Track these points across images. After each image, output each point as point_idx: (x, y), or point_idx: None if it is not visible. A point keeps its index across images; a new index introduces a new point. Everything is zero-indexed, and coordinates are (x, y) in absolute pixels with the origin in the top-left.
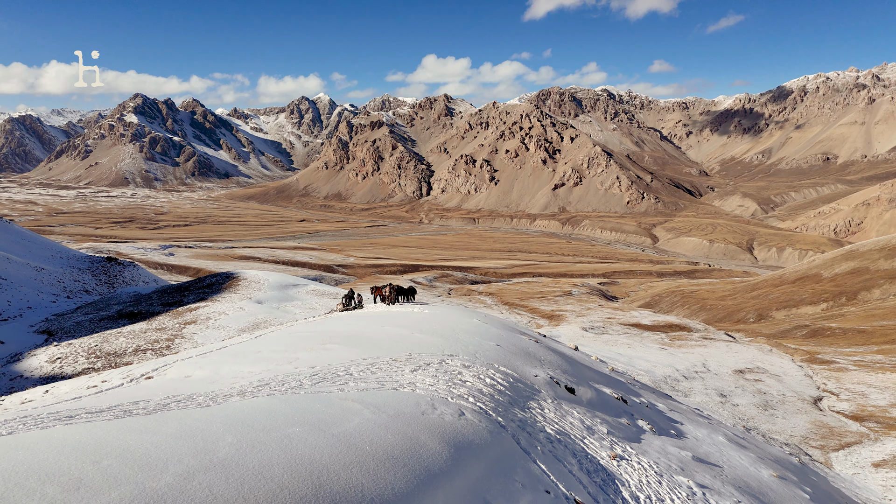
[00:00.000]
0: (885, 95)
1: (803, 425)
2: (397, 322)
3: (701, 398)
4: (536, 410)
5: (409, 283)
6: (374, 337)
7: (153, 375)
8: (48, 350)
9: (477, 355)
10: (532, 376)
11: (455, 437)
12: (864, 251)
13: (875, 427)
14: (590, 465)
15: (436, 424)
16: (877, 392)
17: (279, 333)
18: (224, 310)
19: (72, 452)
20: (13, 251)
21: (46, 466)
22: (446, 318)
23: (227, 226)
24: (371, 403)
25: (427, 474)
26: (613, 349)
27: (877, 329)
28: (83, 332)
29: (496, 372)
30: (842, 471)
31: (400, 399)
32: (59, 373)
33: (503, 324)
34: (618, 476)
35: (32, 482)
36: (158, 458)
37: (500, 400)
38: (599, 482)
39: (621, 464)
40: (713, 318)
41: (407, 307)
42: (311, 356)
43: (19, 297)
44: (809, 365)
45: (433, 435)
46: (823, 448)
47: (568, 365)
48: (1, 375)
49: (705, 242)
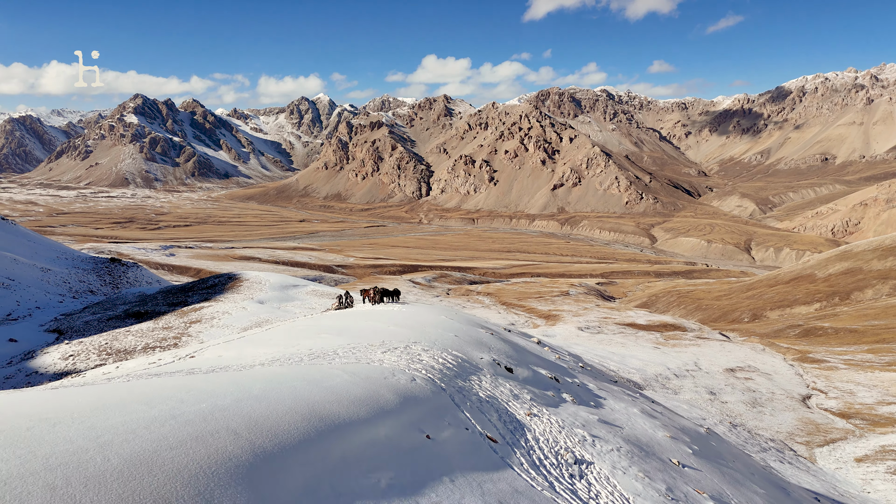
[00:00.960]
0: (883, 96)
1: (790, 422)
2: (377, 318)
3: (690, 395)
4: (475, 382)
5: (395, 286)
6: (358, 329)
7: (195, 355)
8: (60, 348)
9: (436, 343)
10: (478, 359)
11: (405, 392)
12: (858, 252)
13: (861, 424)
14: (507, 418)
15: (392, 384)
16: (865, 390)
17: (284, 326)
18: (227, 309)
19: (182, 385)
20: (19, 252)
21: (183, 389)
22: (417, 315)
23: (227, 226)
24: (349, 371)
25: (381, 411)
26: (607, 348)
27: (868, 329)
28: (92, 330)
29: (448, 354)
30: (825, 465)
31: (370, 369)
32: (73, 368)
33: (469, 320)
34: (527, 425)
35: (183, 395)
36: (221, 392)
37: (447, 373)
38: (511, 428)
39: (533, 419)
40: (709, 317)
41: (388, 306)
42: (309, 342)
43: (27, 298)
44: (801, 364)
45: (389, 390)
46: (808, 444)
47: (514, 352)
48: (17, 371)
49: (703, 243)
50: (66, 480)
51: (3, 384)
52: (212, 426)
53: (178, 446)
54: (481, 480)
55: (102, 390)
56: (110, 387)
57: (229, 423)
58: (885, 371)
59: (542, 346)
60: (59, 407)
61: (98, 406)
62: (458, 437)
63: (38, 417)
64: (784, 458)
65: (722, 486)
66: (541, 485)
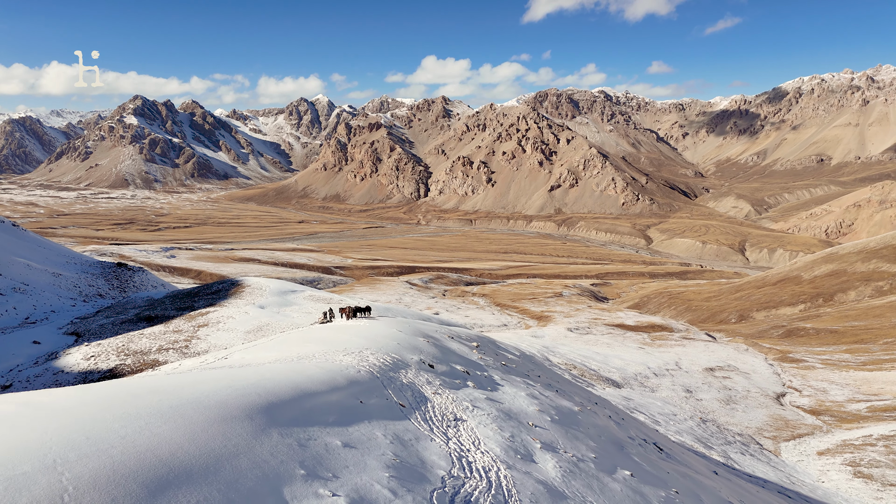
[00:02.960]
0: (878, 97)
1: (761, 418)
2: (346, 331)
3: (667, 393)
4: (402, 373)
5: (367, 304)
6: (331, 340)
7: (227, 357)
8: (81, 349)
9: (381, 349)
10: (410, 359)
11: (351, 378)
12: (844, 254)
13: (829, 420)
14: (418, 394)
15: (344, 374)
16: (837, 388)
17: (282, 337)
18: (231, 314)
19: (230, 373)
20: (32, 258)
21: (231, 375)
22: (375, 328)
23: (226, 227)
24: (320, 367)
25: (335, 388)
26: (592, 348)
27: (848, 329)
28: (108, 333)
29: (388, 356)
30: (788, 458)
31: (333, 365)
32: (95, 368)
33: (416, 331)
34: (430, 399)
35: (233, 376)
36: (249, 376)
37: (383, 368)
38: (418, 400)
39: (436, 396)
40: (697, 318)
41: (358, 321)
42: (297, 349)
43: (43, 302)
44: (780, 363)
45: (342, 377)
46: (775, 438)
47: (440, 354)
48: (45, 370)
49: (698, 244)
50: (222, 397)
51: (34, 381)
52: (249, 390)
53: (239, 396)
54: (387, 424)
55: (200, 375)
56: (203, 373)
57: (256, 390)
58: (859, 370)
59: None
60: (192, 380)
61: (205, 379)
62: (380, 403)
63: (193, 381)
64: (746, 451)
65: (558, 439)
66: (425, 428)
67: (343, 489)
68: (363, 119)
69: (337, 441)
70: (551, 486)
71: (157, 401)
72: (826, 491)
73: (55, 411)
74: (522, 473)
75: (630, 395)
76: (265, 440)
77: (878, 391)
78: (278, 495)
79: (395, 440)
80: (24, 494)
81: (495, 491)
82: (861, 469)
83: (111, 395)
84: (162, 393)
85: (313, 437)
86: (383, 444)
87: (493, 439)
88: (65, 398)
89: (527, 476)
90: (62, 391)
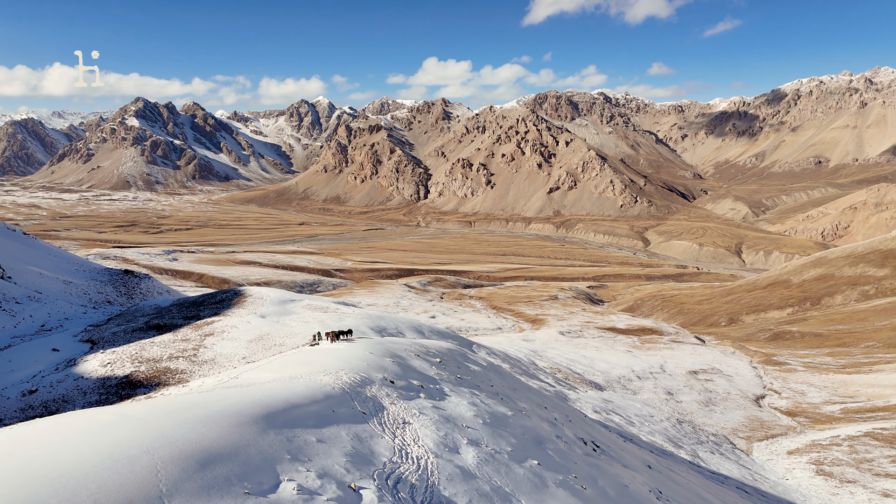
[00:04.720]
0: (876, 99)
1: (737, 419)
2: (328, 354)
3: (648, 395)
4: (367, 389)
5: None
6: (315, 362)
7: (238, 377)
8: (97, 356)
9: (354, 369)
10: (375, 377)
11: (326, 393)
12: (832, 258)
13: (804, 421)
14: (377, 404)
15: (323, 391)
16: (815, 391)
17: (280, 359)
18: (234, 324)
19: (241, 392)
20: (43, 266)
21: (242, 393)
22: (352, 351)
23: (227, 229)
24: (305, 385)
25: (314, 401)
26: (581, 352)
27: (832, 333)
28: (121, 341)
29: (357, 375)
30: (758, 457)
31: (314, 383)
32: (112, 374)
33: (388, 352)
34: (386, 408)
35: (243, 394)
36: (256, 393)
37: (353, 384)
38: (377, 409)
39: (392, 406)
40: (689, 321)
41: (340, 344)
42: (289, 370)
43: (56, 310)
44: (764, 366)
45: (320, 392)
46: (749, 438)
47: (402, 371)
48: (66, 377)
49: (695, 246)
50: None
51: (57, 386)
52: (255, 404)
53: (249, 407)
54: (350, 426)
55: (222, 393)
56: (223, 391)
57: (259, 403)
58: (838, 373)
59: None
60: (218, 397)
61: (226, 396)
62: (347, 411)
63: (218, 398)
64: (717, 450)
65: (483, 437)
66: (378, 430)
67: (314, 468)
68: (363, 121)
69: (313, 438)
70: (466, 470)
71: (197, 412)
72: (787, 487)
73: (139, 419)
74: (446, 461)
75: (611, 397)
76: (265, 437)
77: (853, 393)
78: (273, 471)
79: (355, 437)
80: (136, 465)
81: (421, 472)
82: (823, 467)
83: (168, 409)
84: (199, 407)
85: (297, 435)
86: (346, 440)
87: (430, 437)
88: (141, 411)
89: (449, 462)
90: (138, 406)
